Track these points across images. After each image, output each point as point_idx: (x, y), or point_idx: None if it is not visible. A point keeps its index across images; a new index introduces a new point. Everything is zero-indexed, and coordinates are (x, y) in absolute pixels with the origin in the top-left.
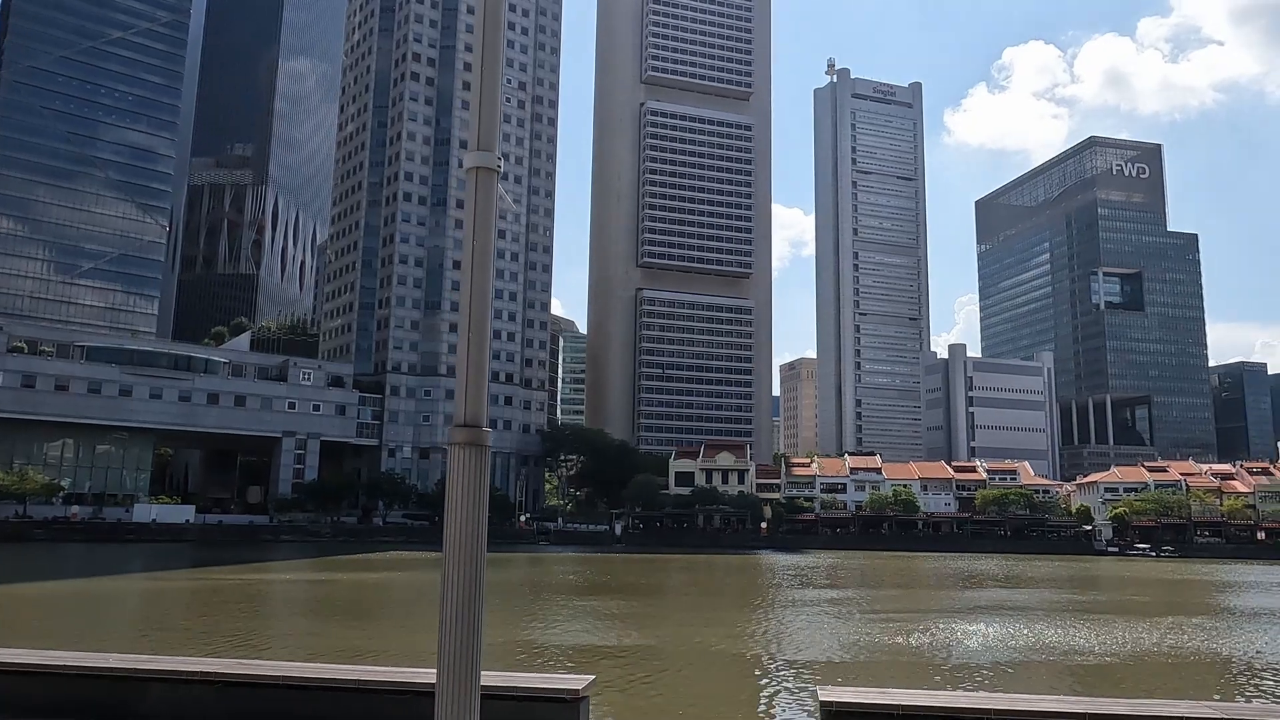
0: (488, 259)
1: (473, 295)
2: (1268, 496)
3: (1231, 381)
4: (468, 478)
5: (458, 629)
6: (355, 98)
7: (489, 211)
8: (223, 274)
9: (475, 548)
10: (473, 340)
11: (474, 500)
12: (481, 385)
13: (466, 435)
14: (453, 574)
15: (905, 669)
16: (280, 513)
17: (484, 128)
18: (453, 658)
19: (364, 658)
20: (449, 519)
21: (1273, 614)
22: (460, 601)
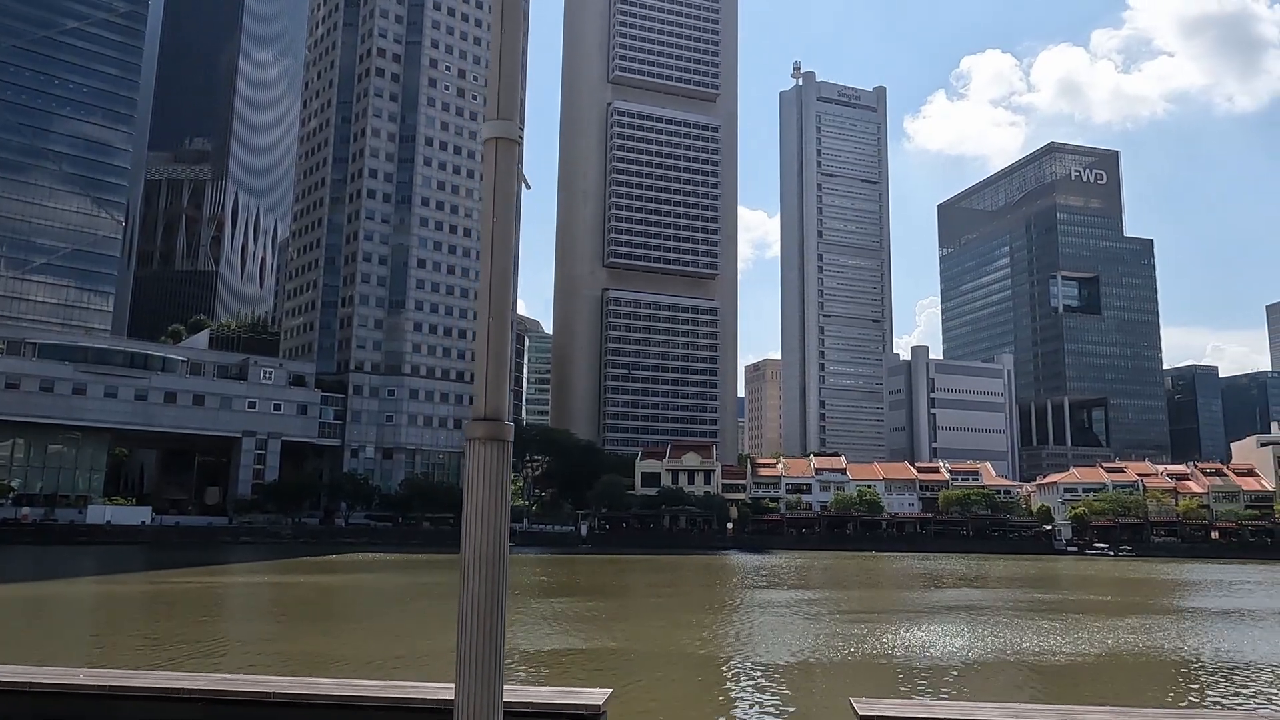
0: (508, 237)
1: (493, 277)
2: (1221, 497)
3: (1184, 384)
4: (488, 476)
5: (478, 641)
6: (319, 93)
7: (509, 185)
8: (180, 270)
9: (497, 553)
10: (493, 326)
11: (495, 501)
12: (503, 375)
13: (487, 430)
14: (472, 582)
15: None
16: (240, 514)
17: (504, 96)
18: (473, 673)
19: (331, 664)
20: (467, 522)
21: (1237, 614)
22: (480, 611)
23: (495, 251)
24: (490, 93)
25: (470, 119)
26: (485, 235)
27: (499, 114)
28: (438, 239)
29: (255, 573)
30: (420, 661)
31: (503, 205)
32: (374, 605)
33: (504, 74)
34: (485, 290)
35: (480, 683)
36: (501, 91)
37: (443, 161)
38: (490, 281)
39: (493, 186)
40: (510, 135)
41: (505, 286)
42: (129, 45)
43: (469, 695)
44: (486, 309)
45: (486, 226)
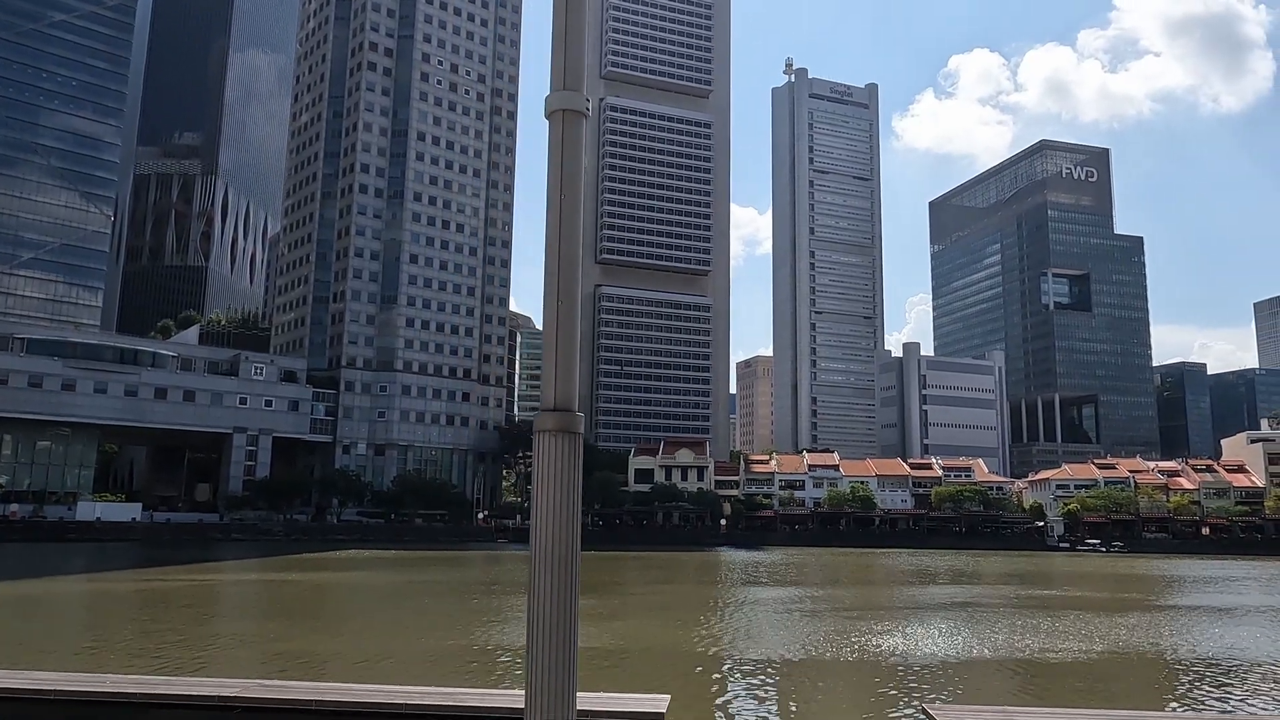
0: (575, 216)
1: (561, 260)
2: (1212, 493)
3: (1173, 381)
4: (560, 469)
5: (549, 646)
6: (310, 87)
7: (576, 160)
8: (170, 266)
9: (568, 551)
10: (562, 310)
11: (566, 496)
12: (572, 363)
13: (557, 421)
14: (542, 582)
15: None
16: (231, 510)
17: (569, 66)
18: (545, 680)
19: (326, 663)
20: (536, 518)
21: (1237, 611)
22: (552, 613)
23: (563, 231)
24: (555, 64)
25: (463, 114)
26: (551, 214)
27: (564, 85)
28: (430, 234)
29: (247, 570)
30: (417, 661)
31: (569, 181)
32: (368, 603)
33: (569, 44)
34: (552, 272)
35: (553, 691)
36: (567, 62)
37: (435, 156)
38: (558, 262)
39: (560, 162)
40: (576, 107)
41: (573, 267)
42: (118, 39)
43: (541, 705)
44: (555, 292)
45: (553, 204)
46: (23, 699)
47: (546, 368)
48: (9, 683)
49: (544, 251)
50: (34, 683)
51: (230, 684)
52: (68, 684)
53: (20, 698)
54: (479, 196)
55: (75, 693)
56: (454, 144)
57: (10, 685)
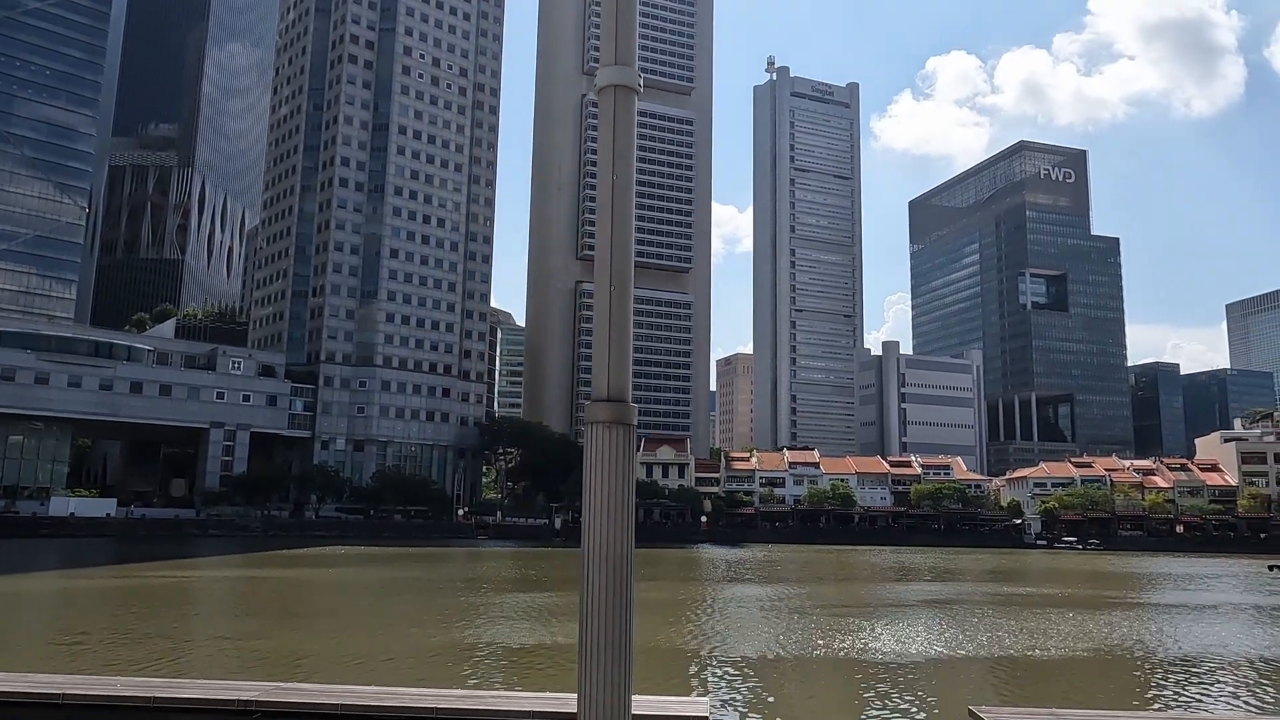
0: (629, 195)
1: (613, 241)
2: (1186, 492)
3: (1147, 381)
4: (612, 463)
5: (603, 647)
6: (289, 79)
7: (629, 137)
8: (145, 259)
9: (622, 549)
10: (615, 297)
11: (619, 490)
12: (625, 351)
13: (610, 412)
14: (595, 581)
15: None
16: (207, 506)
17: (621, 39)
18: (598, 683)
19: (306, 661)
20: (588, 513)
21: (1209, 609)
22: (606, 613)
23: (615, 211)
24: (605, 37)
25: (445, 108)
26: (603, 193)
27: (616, 59)
28: (411, 229)
29: (225, 566)
30: (398, 659)
31: (622, 159)
32: (348, 600)
33: (621, 17)
34: (604, 254)
35: (607, 694)
36: (619, 35)
37: (416, 151)
38: (611, 244)
39: (611, 139)
40: (629, 82)
41: (626, 249)
42: (93, 28)
43: (595, 708)
44: (607, 275)
45: (604, 182)
46: (33, 703)
47: (598, 356)
48: (18, 686)
49: (595, 233)
50: (44, 686)
51: (248, 687)
52: (77, 687)
53: (30, 702)
54: (460, 192)
55: (86, 696)
56: (435, 138)
57: (20, 689)
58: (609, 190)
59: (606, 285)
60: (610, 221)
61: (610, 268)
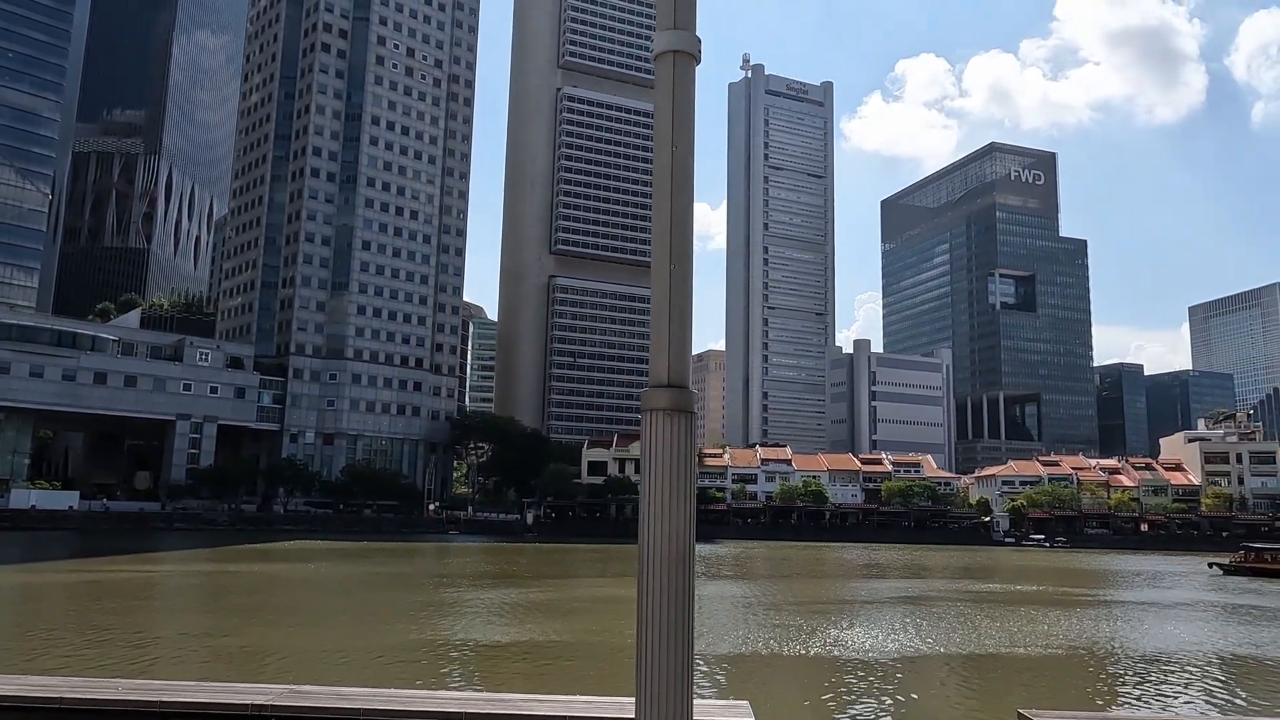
0: (689, 168)
1: (673, 217)
2: (1150, 491)
3: (1111, 381)
4: (673, 452)
5: (663, 650)
6: (260, 67)
7: (689, 108)
8: (110, 247)
9: (683, 545)
10: (674, 275)
11: (679, 482)
12: (686, 334)
13: (671, 399)
14: (654, 580)
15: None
16: (173, 499)
17: (680, 2)
18: (658, 687)
19: (273, 659)
20: (646, 506)
21: (1167, 606)
22: (665, 614)
23: (675, 183)
24: (662, 0)
25: (419, 99)
26: (661, 166)
27: (674, 24)
28: (384, 220)
29: (191, 561)
30: (369, 656)
31: (682, 131)
32: (318, 596)
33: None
34: (663, 231)
35: (668, 698)
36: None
37: (389, 142)
38: (670, 220)
39: (670, 108)
40: (688, 48)
41: (686, 225)
42: (58, 10)
43: (654, 712)
44: (666, 253)
45: (662, 155)
46: (31, 708)
47: (657, 338)
48: (14, 690)
49: (653, 210)
50: (41, 690)
51: (260, 690)
52: (76, 691)
53: (28, 706)
54: (434, 184)
55: (87, 701)
56: (409, 129)
57: (16, 693)
58: (668, 163)
59: (666, 264)
60: (669, 196)
61: (670, 245)
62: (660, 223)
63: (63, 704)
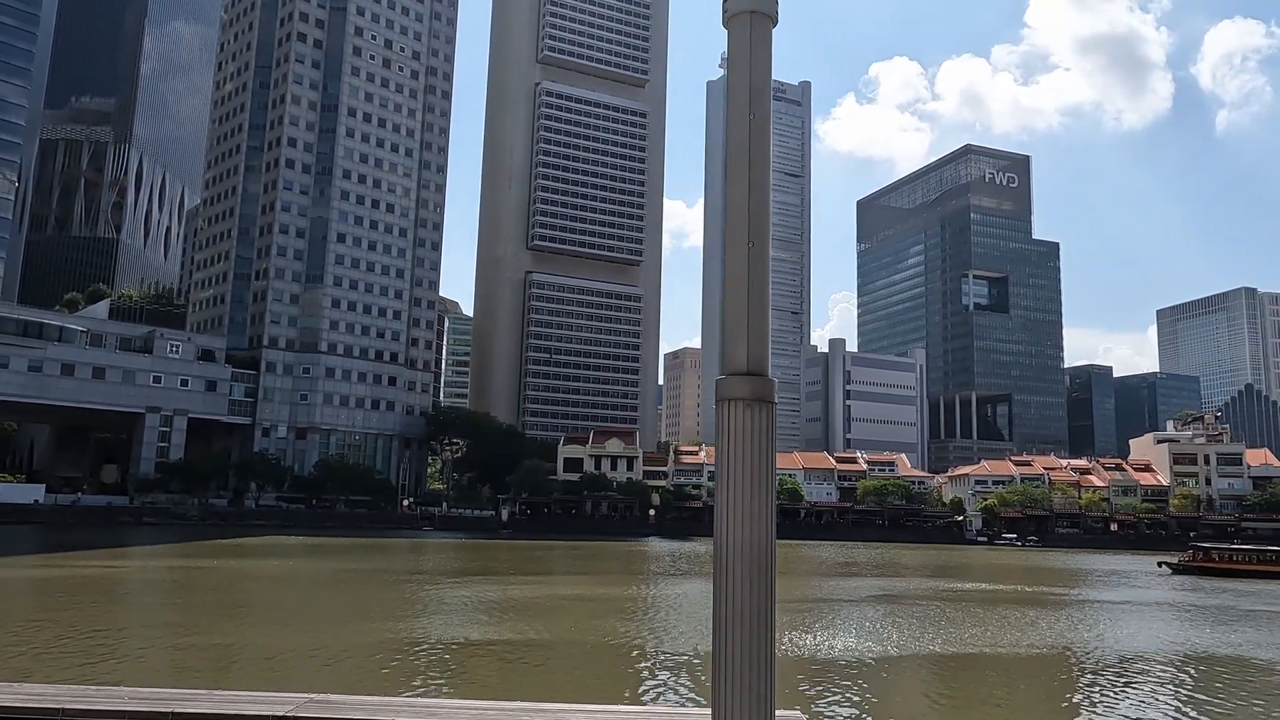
0: (766, 139)
1: (751, 192)
2: (1120, 491)
3: (1081, 382)
4: (753, 445)
5: (743, 657)
6: (235, 56)
7: (766, 72)
8: (78, 237)
9: (763, 542)
10: (754, 256)
11: (761, 477)
12: (765, 318)
13: (751, 388)
14: (733, 580)
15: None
16: (142, 493)
17: None
18: (738, 694)
19: (244, 657)
20: (722, 502)
21: (1136, 605)
22: (747, 615)
23: (754, 157)
24: None
25: (396, 91)
26: (737, 134)
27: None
28: (359, 213)
29: (160, 556)
30: (344, 654)
31: (759, 98)
32: (289, 592)
33: None
34: (740, 205)
35: (748, 708)
36: None
37: (366, 134)
38: (748, 196)
39: (747, 73)
40: (764, 9)
41: (765, 201)
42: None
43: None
44: (744, 229)
45: (738, 123)
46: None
47: (734, 324)
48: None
49: (728, 186)
50: (37, 700)
51: (278, 699)
52: (78, 701)
53: (25, 718)
54: (410, 177)
55: (89, 712)
56: (386, 122)
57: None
58: (745, 133)
59: (744, 243)
60: (748, 170)
61: (748, 223)
62: (737, 197)
63: (64, 714)
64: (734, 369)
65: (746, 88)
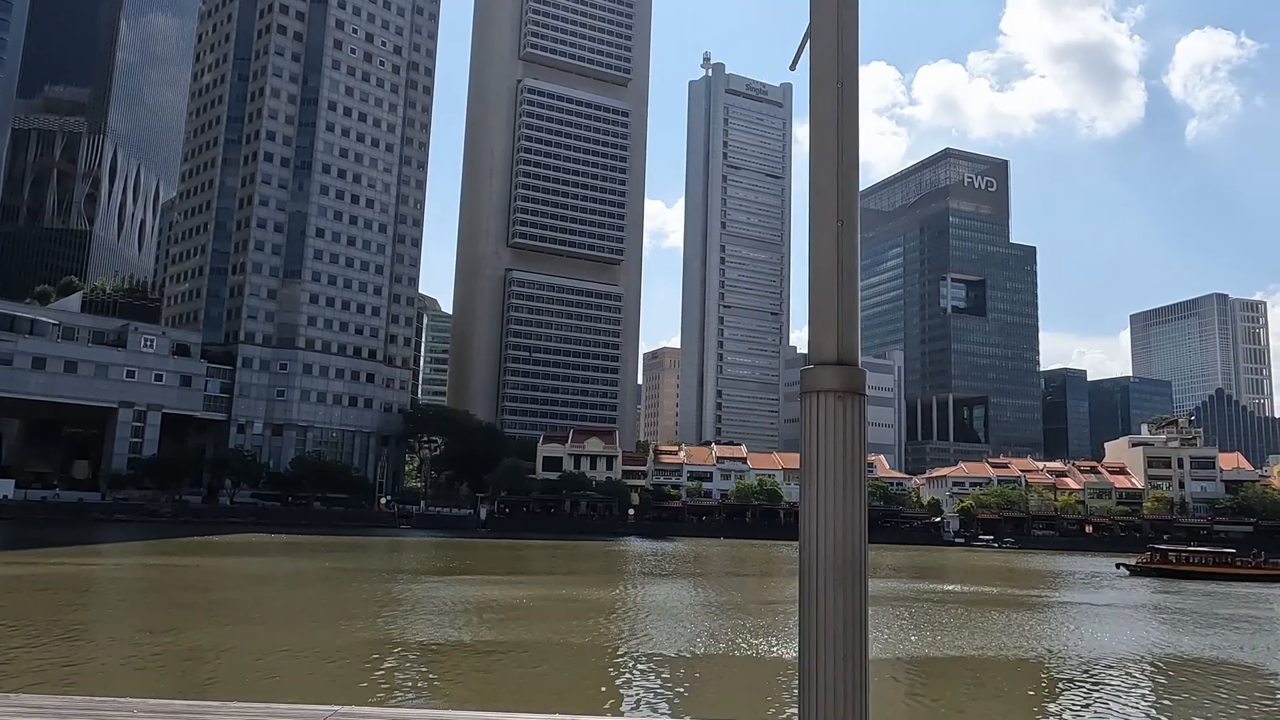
0: (855, 110)
1: (840, 168)
2: (1095, 493)
3: (1056, 386)
4: (844, 441)
5: (835, 664)
6: (213, 47)
7: (853, 37)
8: (50, 228)
9: (856, 544)
10: (844, 236)
11: (853, 475)
12: (855, 303)
13: (842, 379)
14: (822, 584)
15: None
16: (114, 489)
17: None
18: (828, 707)
19: (219, 658)
20: (810, 502)
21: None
22: (837, 623)
23: (842, 129)
24: None
25: (377, 85)
26: (822, 107)
27: None
28: (339, 208)
29: (131, 554)
30: (320, 656)
31: (847, 64)
32: (264, 591)
33: None
34: (827, 182)
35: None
36: None
37: (346, 128)
38: (838, 171)
39: (835, 38)
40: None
41: (854, 176)
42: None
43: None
44: (832, 209)
45: (824, 95)
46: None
47: (822, 309)
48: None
49: (810, 159)
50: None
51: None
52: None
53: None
54: (391, 172)
55: None
56: (367, 116)
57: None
58: (833, 104)
59: (832, 222)
60: (837, 143)
61: (837, 199)
62: (823, 173)
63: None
64: (823, 359)
65: (834, 54)
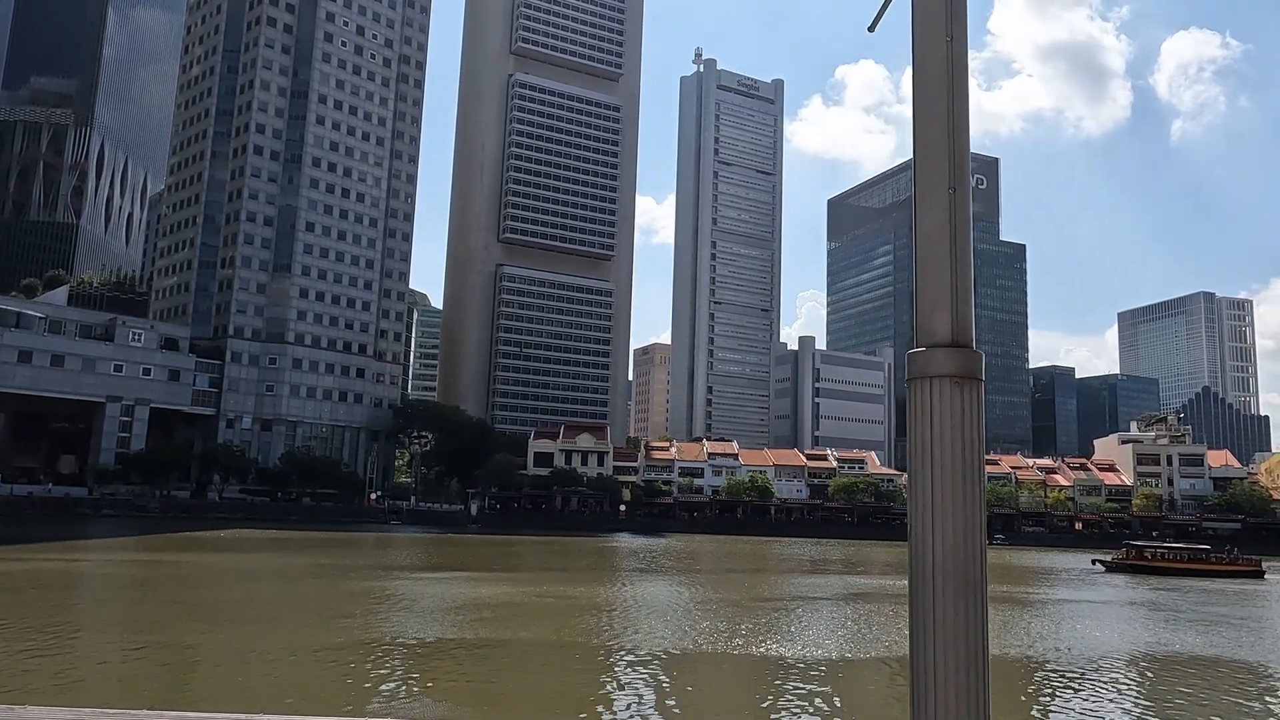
0: (964, 66)
1: (952, 132)
2: (1085, 490)
3: (1045, 383)
4: (962, 430)
5: (953, 671)
6: (202, 39)
7: (962, 7)
8: (36, 221)
9: (974, 541)
10: (956, 204)
11: (972, 466)
12: (969, 279)
13: (958, 362)
14: (936, 585)
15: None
16: (101, 484)
17: None
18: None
19: (208, 656)
20: (922, 499)
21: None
22: (955, 627)
23: (952, 82)
24: None
25: (368, 79)
26: (930, 62)
27: None
28: (329, 202)
29: (120, 550)
30: (310, 654)
31: (956, 17)
32: (252, 588)
33: None
34: (937, 142)
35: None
36: None
37: (337, 121)
38: (950, 136)
39: (947, 15)
40: None
41: (964, 136)
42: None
43: None
44: (944, 172)
45: (932, 49)
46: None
47: (934, 284)
48: None
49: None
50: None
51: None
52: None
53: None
54: (381, 166)
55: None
56: (357, 110)
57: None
58: (942, 58)
59: (944, 189)
60: (949, 100)
61: (949, 164)
62: (932, 133)
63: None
64: (935, 340)
65: (943, 6)
